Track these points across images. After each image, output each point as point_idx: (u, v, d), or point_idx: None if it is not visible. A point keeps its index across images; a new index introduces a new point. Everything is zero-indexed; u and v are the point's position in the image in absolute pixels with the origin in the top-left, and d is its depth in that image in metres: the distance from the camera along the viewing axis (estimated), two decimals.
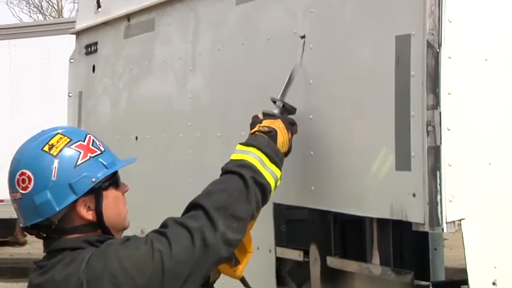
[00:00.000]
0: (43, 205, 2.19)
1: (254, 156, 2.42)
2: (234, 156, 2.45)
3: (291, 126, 2.64)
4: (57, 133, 2.26)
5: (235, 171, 2.37)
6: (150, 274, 2.11)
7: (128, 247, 2.14)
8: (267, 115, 2.64)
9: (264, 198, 2.39)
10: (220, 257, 2.22)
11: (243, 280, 2.57)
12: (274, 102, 2.73)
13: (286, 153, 2.63)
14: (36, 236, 2.28)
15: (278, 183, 2.47)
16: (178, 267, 2.14)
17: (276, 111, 2.69)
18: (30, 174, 2.20)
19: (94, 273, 2.10)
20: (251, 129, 2.60)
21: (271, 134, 2.53)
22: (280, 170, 2.48)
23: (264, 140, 2.49)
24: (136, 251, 2.13)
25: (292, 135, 2.64)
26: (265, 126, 2.56)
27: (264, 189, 2.38)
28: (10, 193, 2.25)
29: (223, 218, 2.22)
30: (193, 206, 2.27)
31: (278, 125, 2.58)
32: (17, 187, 2.22)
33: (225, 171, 2.40)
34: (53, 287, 2.15)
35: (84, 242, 2.21)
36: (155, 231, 2.21)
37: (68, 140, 2.25)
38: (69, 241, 2.22)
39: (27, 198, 2.21)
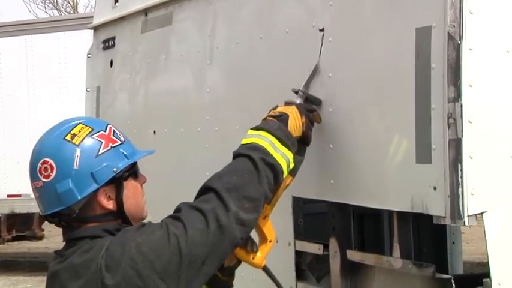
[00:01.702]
0: (65, 193, 2.21)
1: (264, 139, 2.44)
2: (244, 141, 2.47)
3: (308, 112, 2.64)
4: (79, 123, 2.28)
5: (245, 153, 2.38)
6: (167, 258, 2.12)
7: (144, 232, 2.16)
8: (286, 103, 2.65)
9: (276, 179, 2.40)
10: (235, 237, 2.23)
11: (266, 270, 2.54)
12: (296, 92, 2.72)
13: (305, 141, 2.63)
14: (56, 225, 2.30)
15: (291, 166, 2.48)
16: (195, 250, 2.15)
17: (298, 101, 2.69)
18: (53, 163, 2.22)
19: (113, 259, 2.12)
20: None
21: (282, 117, 2.53)
22: (292, 153, 2.49)
23: (274, 124, 2.50)
24: (152, 235, 2.15)
25: (309, 120, 2.64)
26: (277, 111, 2.57)
27: (274, 170, 2.38)
28: (31, 182, 2.27)
29: (234, 199, 2.24)
30: (205, 190, 2.29)
31: (291, 110, 2.58)
32: (39, 175, 2.24)
33: (236, 155, 2.42)
34: (71, 272, 2.17)
35: (103, 231, 2.23)
36: (169, 216, 2.22)
37: (90, 129, 2.27)
38: (88, 230, 2.25)
39: (49, 187, 2.22)
